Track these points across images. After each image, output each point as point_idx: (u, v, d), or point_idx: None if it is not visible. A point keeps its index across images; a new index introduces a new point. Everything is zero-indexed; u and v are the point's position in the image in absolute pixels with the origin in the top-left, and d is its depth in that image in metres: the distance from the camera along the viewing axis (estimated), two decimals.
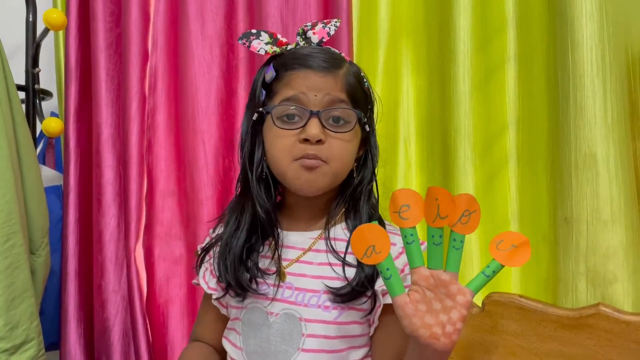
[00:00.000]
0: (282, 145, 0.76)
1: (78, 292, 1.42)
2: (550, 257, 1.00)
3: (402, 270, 0.75)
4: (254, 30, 0.81)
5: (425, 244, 0.80)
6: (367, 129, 0.81)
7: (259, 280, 0.79)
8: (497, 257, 0.62)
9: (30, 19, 1.48)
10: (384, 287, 0.67)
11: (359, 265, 0.76)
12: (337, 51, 0.82)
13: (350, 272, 0.76)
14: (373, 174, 0.83)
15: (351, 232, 0.74)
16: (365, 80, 0.82)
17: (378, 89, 1.19)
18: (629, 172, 0.93)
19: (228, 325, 0.86)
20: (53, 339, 1.42)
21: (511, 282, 1.07)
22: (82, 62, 1.45)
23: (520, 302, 0.85)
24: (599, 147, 0.91)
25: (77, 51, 1.44)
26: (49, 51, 1.59)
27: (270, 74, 0.78)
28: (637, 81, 0.95)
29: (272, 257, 0.79)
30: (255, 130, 0.80)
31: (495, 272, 0.63)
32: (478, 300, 0.95)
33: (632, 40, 0.95)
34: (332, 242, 0.78)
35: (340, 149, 0.76)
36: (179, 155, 1.36)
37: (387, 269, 0.62)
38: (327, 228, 0.80)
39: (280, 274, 0.78)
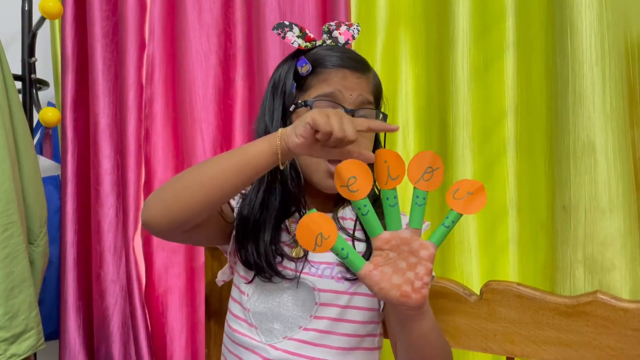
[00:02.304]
0: None
1: (77, 281, 1.42)
2: (548, 245, 1.00)
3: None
4: (287, 22, 0.84)
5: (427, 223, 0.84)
6: None
7: (285, 265, 0.82)
8: (454, 207, 0.62)
9: (26, 8, 1.47)
10: None
11: (368, 240, 0.79)
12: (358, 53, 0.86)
13: (360, 247, 0.81)
14: None
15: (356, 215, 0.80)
16: (381, 83, 0.88)
17: None
18: (627, 160, 0.93)
19: (235, 282, 0.88)
20: (52, 329, 1.42)
21: (509, 270, 1.07)
22: (79, 51, 1.44)
23: (518, 290, 0.85)
24: (598, 135, 0.91)
25: (74, 40, 1.44)
26: (45, 40, 1.58)
27: (306, 67, 0.81)
28: (636, 68, 0.94)
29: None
30: (284, 119, 0.83)
31: (454, 222, 0.63)
32: (476, 288, 0.95)
33: (630, 28, 0.95)
34: (341, 221, 0.83)
35: (365, 147, 0.81)
36: (177, 145, 1.35)
37: (342, 249, 0.62)
38: (335, 210, 0.85)
39: (306, 255, 0.82)
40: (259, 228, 0.81)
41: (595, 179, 0.92)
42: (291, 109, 0.82)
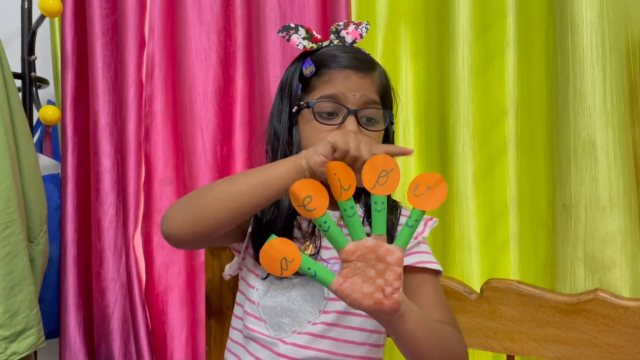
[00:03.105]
0: (319, 139, 0.79)
1: (77, 280, 1.42)
2: (548, 243, 1.00)
3: (416, 237, 0.81)
4: (292, 25, 0.84)
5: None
6: (393, 127, 0.87)
7: None
8: (415, 205, 0.62)
9: (26, 6, 1.47)
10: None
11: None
12: (366, 52, 0.86)
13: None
14: None
15: (366, 207, 0.82)
16: (390, 81, 0.88)
17: None
18: (628, 158, 0.92)
19: (242, 276, 0.88)
20: (53, 327, 1.42)
21: (510, 268, 1.07)
22: (79, 49, 1.44)
23: (519, 287, 0.85)
24: (598, 133, 0.91)
25: (73, 38, 1.43)
26: (45, 38, 1.58)
27: (310, 69, 0.82)
28: (637, 66, 0.94)
29: (310, 235, 0.83)
30: (291, 120, 0.84)
31: (417, 221, 0.62)
32: (477, 286, 0.95)
33: (631, 25, 0.95)
34: None
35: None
36: (177, 143, 1.35)
37: (309, 268, 0.62)
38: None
39: (317, 251, 0.83)
40: (271, 228, 0.82)
41: (595, 176, 0.92)
42: (294, 110, 0.83)
